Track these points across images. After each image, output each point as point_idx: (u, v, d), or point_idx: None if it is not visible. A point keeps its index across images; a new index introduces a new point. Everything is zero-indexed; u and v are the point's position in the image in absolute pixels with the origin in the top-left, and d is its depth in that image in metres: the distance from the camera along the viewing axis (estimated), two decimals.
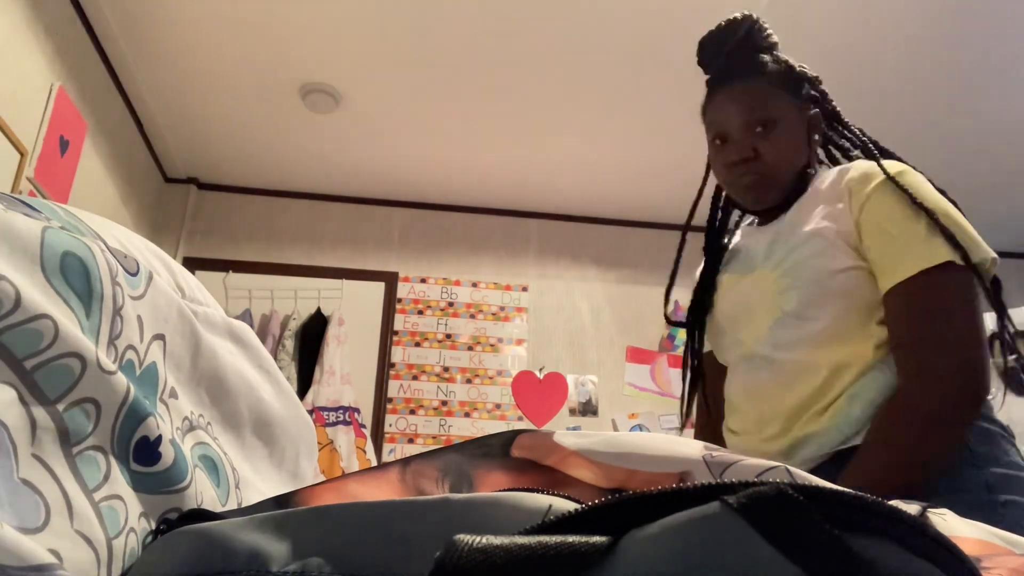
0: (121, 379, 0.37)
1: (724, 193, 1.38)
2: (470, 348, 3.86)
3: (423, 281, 3.95)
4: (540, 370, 3.88)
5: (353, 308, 3.77)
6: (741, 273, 1.28)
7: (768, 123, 1.19)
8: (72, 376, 0.35)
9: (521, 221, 4.14)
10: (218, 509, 0.46)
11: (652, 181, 3.80)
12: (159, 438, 0.39)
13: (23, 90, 2.41)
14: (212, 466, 0.48)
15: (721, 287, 1.32)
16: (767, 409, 1.16)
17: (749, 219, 1.40)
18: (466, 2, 2.67)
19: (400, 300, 3.89)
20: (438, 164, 3.73)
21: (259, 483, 0.56)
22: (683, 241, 1.40)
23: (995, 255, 1.06)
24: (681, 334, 4.03)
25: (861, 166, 1.15)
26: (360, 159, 3.70)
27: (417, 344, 3.83)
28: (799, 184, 1.24)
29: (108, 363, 0.36)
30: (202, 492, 0.43)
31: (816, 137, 1.26)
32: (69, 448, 0.34)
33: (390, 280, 3.92)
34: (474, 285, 3.98)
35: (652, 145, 3.49)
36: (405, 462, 0.43)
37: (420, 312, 3.89)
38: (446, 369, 3.81)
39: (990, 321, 1.17)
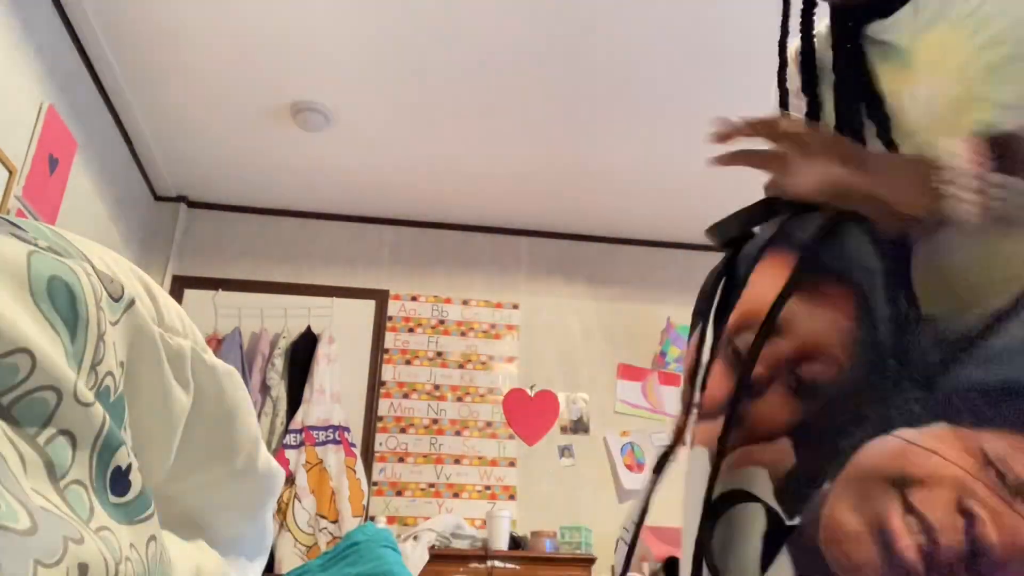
0: (98, 410, 0.37)
1: None
2: (461, 366, 3.85)
3: (414, 299, 3.94)
4: (531, 388, 3.87)
5: (343, 326, 3.75)
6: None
7: None
8: (48, 408, 0.34)
9: (512, 239, 4.14)
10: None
11: (644, 198, 3.81)
12: (129, 466, 0.39)
13: (13, 108, 2.41)
14: None
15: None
16: None
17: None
18: (456, 22, 2.69)
19: (391, 318, 3.88)
20: (428, 182, 3.73)
21: None
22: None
23: None
24: (672, 351, 4.04)
25: None
26: (351, 177, 3.70)
27: (408, 362, 3.81)
28: None
29: (86, 393, 0.36)
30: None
31: None
32: (57, 482, 0.34)
33: (380, 298, 3.91)
34: (465, 303, 3.97)
35: (643, 163, 3.51)
36: None
37: (411, 330, 3.88)
38: (437, 387, 3.79)
39: None
